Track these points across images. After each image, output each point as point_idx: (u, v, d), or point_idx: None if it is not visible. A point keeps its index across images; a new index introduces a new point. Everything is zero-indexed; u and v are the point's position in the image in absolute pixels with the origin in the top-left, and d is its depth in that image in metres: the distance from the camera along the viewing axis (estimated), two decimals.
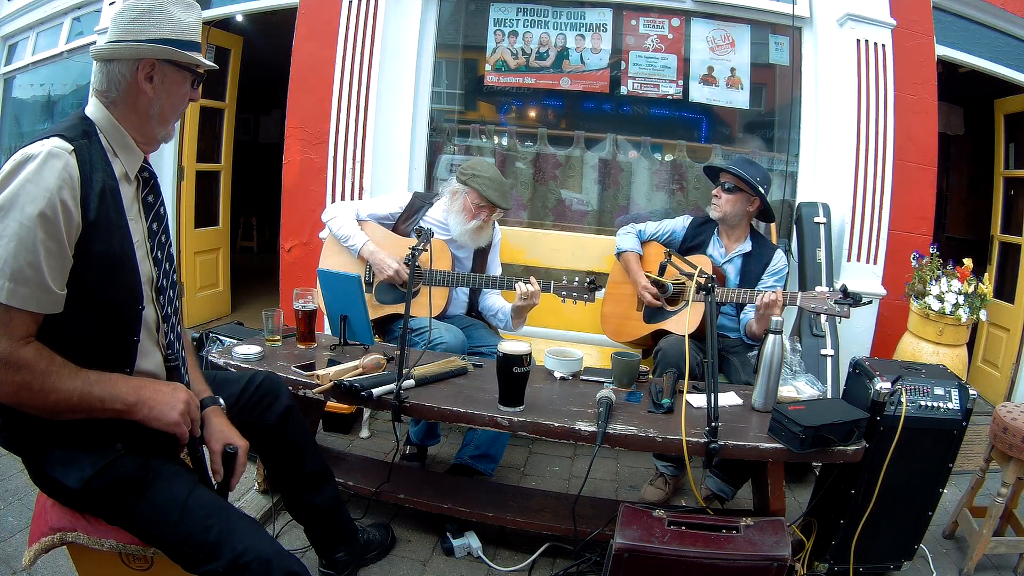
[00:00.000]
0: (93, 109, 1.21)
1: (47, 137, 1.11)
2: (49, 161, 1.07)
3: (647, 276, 2.52)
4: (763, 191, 2.39)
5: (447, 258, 2.42)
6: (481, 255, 2.55)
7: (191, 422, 1.23)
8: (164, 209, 1.33)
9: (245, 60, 4.43)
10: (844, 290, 2.04)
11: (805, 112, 3.19)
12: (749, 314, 2.38)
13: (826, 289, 2.28)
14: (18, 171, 1.07)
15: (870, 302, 2.11)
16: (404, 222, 2.52)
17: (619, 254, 2.66)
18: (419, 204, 2.53)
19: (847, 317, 2.06)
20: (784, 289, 2.32)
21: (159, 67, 1.21)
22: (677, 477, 2.42)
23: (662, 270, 2.09)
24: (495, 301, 2.54)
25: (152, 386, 1.21)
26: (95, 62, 1.21)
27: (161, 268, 1.28)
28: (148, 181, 1.29)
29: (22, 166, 1.07)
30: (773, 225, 2.91)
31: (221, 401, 1.41)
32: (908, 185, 3.08)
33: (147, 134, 1.26)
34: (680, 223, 2.62)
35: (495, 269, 2.64)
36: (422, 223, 2.47)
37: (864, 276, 3.00)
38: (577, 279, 2.30)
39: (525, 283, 2.26)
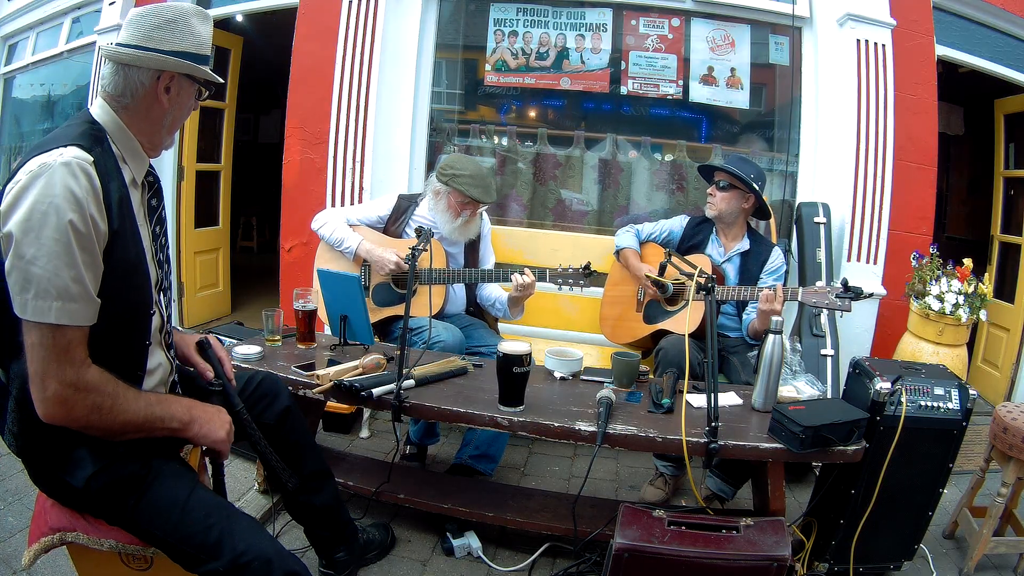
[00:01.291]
0: (100, 112, 1.20)
1: (63, 145, 1.08)
2: (74, 173, 1.06)
3: (647, 277, 2.52)
4: (757, 187, 2.39)
5: (441, 256, 2.42)
6: (472, 248, 2.56)
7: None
8: (164, 212, 1.34)
9: (245, 60, 4.42)
10: (845, 283, 2.04)
11: (805, 112, 3.19)
12: (752, 314, 2.38)
13: (826, 285, 2.28)
14: (36, 183, 1.04)
15: (871, 295, 2.11)
16: (393, 224, 2.53)
17: (618, 252, 2.66)
18: (405, 205, 2.54)
19: (848, 311, 2.06)
20: (784, 286, 2.32)
21: (177, 79, 1.22)
22: (677, 477, 2.42)
23: (662, 270, 2.09)
24: (492, 291, 2.55)
25: (200, 405, 1.28)
26: (110, 64, 1.19)
27: (163, 270, 1.29)
28: (152, 185, 1.30)
29: (39, 177, 1.04)
30: (773, 225, 2.91)
31: (179, 328, 1.48)
32: (908, 185, 3.08)
33: (154, 141, 1.27)
34: (677, 223, 2.62)
35: (488, 258, 2.64)
36: (412, 221, 2.49)
37: (864, 276, 3.00)
38: (572, 267, 2.30)
39: (521, 274, 2.27)
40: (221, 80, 1.31)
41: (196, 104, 1.31)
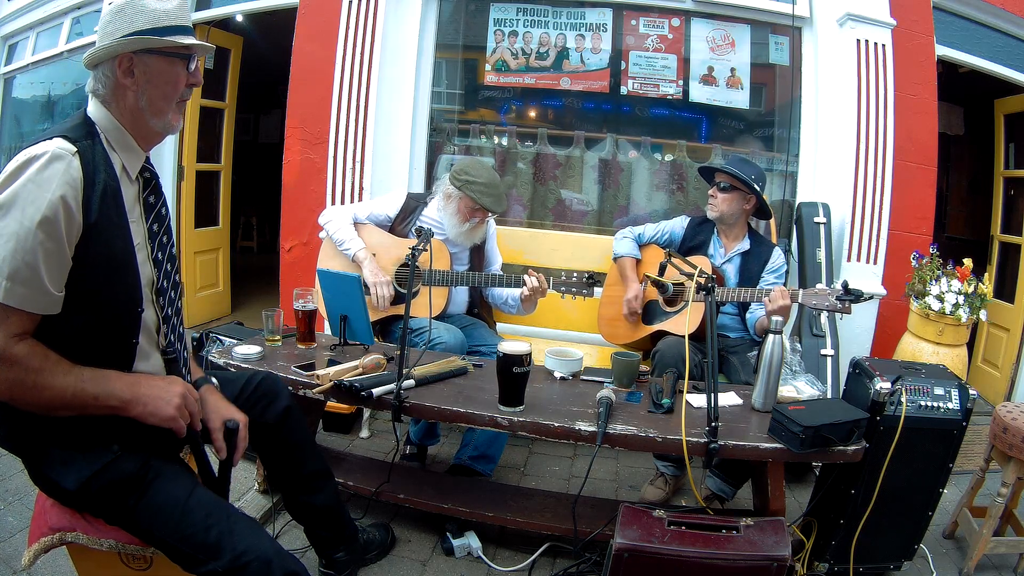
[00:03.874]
0: (93, 109, 1.21)
1: (51, 137, 1.10)
2: (53, 162, 1.07)
3: (647, 277, 2.52)
4: (758, 188, 2.39)
5: (445, 257, 2.42)
6: (478, 250, 2.56)
7: (190, 416, 1.21)
8: (166, 209, 1.32)
9: (245, 60, 4.42)
10: (845, 286, 2.04)
11: (805, 112, 3.19)
12: (756, 312, 2.38)
13: (827, 287, 2.27)
14: (22, 171, 1.07)
15: (871, 297, 2.11)
16: (401, 223, 2.53)
17: (616, 259, 2.66)
18: (414, 205, 2.54)
19: (848, 313, 2.06)
20: (785, 287, 2.32)
21: (137, 59, 1.19)
22: (677, 477, 2.42)
23: (662, 270, 2.09)
24: (502, 289, 2.54)
25: (147, 381, 1.19)
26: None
27: (162, 269, 1.28)
28: (149, 182, 1.29)
29: (26, 166, 1.07)
30: (773, 225, 2.91)
31: (214, 380, 1.42)
32: (908, 185, 3.08)
33: (144, 128, 1.25)
34: (678, 224, 2.62)
35: (495, 259, 2.64)
36: (419, 222, 2.48)
37: (864, 276, 3.00)
38: (576, 275, 2.30)
39: (531, 278, 2.27)
40: (188, 41, 1.23)
41: (192, 76, 1.26)
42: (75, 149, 1.11)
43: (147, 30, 1.19)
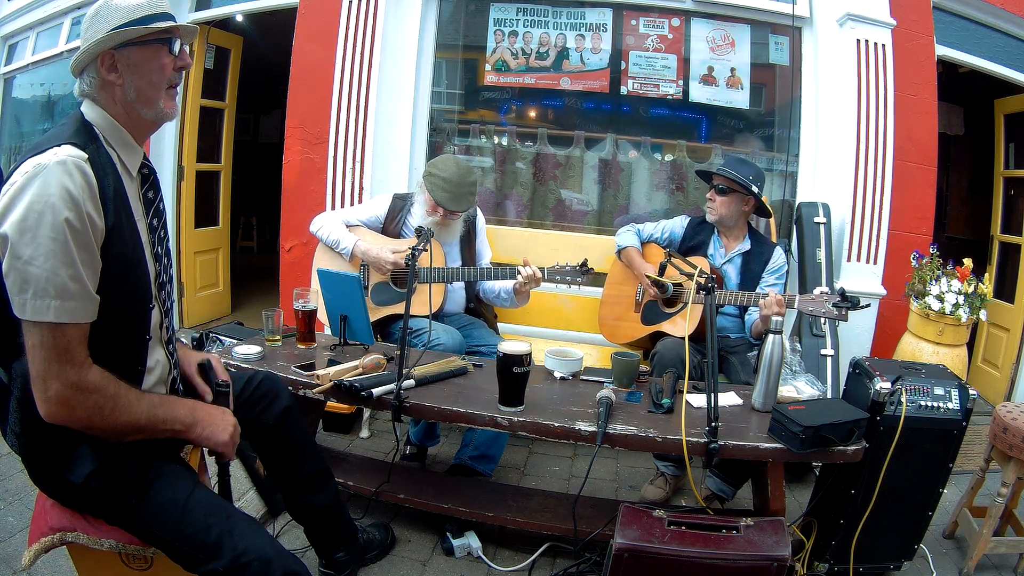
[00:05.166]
0: (88, 109, 1.22)
1: (57, 145, 1.09)
2: (69, 171, 1.06)
3: (647, 277, 2.52)
4: (756, 190, 2.39)
5: (440, 254, 2.43)
6: (468, 244, 2.56)
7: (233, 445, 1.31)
8: (163, 204, 1.33)
9: (245, 60, 4.42)
10: (842, 293, 2.02)
11: (805, 112, 3.19)
12: (754, 315, 2.38)
13: (825, 290, 2.26)
14: (32, 183, 1.05)
15: (868, 305, 2.09)
16: (391, 223, 2.54)
17: (620, 251, 2.65)
18: (400, 204, 2.56)
19: (845, 320, 2.04)
20: (784, 287, 2.31)
21: (118, 54, 1.19)
22: (677, 477, 2.42)
23: (662, 270, 2.09)
24: (495, 282, 2.54)
25: (204, 408, 1.30)
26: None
27: (161, 264, 1.29)
28: (148, 177, 1.29)
29: (35, 178, 1.05)
30: (773, 225, 2.91)
31: (184, 339, 1.48)
32: (908, 185, 3.08)
33: (138, 121, 1.24)
34: (679, 223, 2.62)
35: (485, 254, 2.65)
36: (409, 220, 2.50)
37: (864, 276, 3.00)
38: (569, 264, 2.30)
39: (526, 267, 2.27)
40: (163, 25, 1.22)
41: (180, 59, 1.25)
42: (86, 156, 1.10)
43: (122, 24, 1.19)
